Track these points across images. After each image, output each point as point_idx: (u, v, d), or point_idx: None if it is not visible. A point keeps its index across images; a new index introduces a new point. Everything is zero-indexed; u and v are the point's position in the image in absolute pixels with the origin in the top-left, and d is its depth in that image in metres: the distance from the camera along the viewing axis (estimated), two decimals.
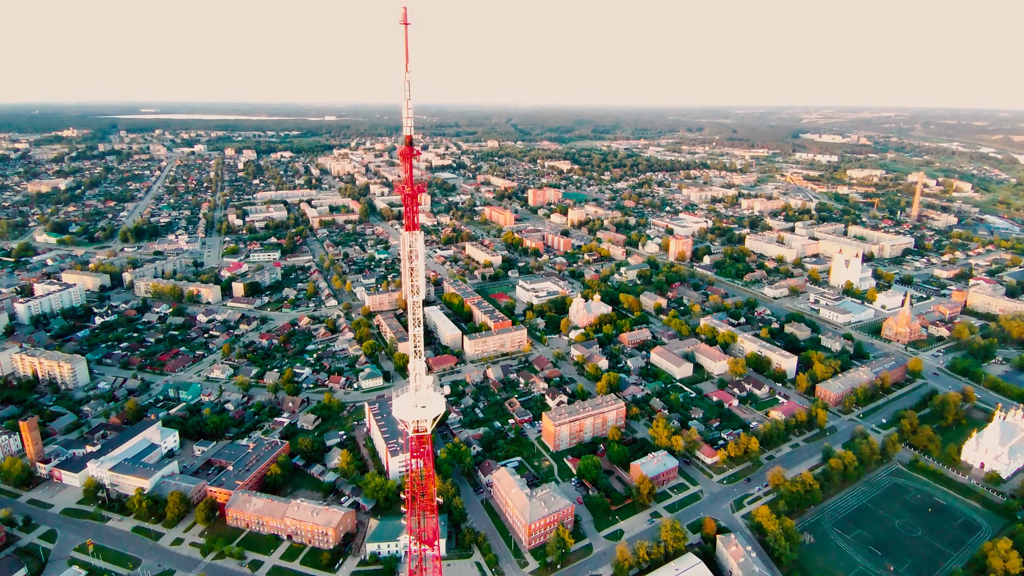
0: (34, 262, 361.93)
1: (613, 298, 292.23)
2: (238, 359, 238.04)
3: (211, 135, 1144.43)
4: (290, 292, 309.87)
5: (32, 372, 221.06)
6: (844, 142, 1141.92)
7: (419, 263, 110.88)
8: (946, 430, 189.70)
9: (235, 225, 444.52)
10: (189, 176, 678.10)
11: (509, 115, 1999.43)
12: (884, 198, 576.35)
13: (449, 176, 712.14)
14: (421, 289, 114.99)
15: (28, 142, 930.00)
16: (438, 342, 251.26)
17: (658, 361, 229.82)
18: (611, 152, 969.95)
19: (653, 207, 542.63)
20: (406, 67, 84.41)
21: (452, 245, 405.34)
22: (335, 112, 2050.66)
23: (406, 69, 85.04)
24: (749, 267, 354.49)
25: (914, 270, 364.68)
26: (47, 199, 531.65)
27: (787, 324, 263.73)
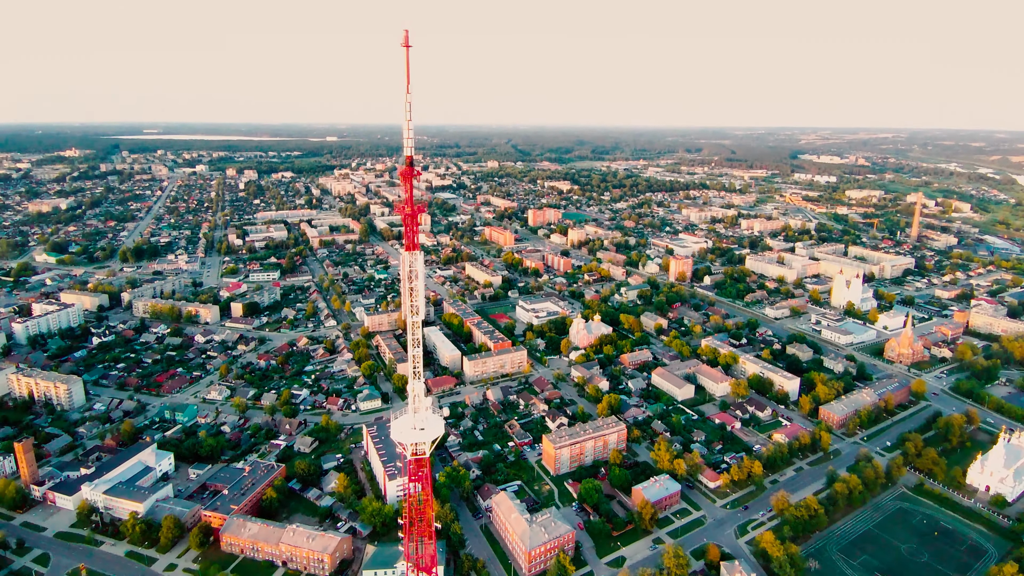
0: (33, 282, 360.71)
1: (613, 318, 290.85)
2: (235, 380, 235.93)
3: (213, 155, 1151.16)
4: (289, 312, 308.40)
5: (28, 393, 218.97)
6: (842, 163, 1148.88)
7: (419, 283, 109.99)
8: (951, 453, 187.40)
9: (235, 245, 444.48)
10: (190, 196, 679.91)
11: (509, 136, 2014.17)
12: (883, 218, 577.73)
13: (449, 196, 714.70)
14: (421, 309, 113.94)
15: (30, 162, 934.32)
16: (437, 363, 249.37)
17: (659, 383, 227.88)
18: (610, 172, 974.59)
19: (653, 227, 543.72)
20: (407, 88, 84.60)
21: (452, 265, 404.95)
22: (336, 132, 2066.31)
23: (407, 90, 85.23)
24: (750, 287, 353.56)
25: (915, 290, 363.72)
26: (47, 219, 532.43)
27: (789, 345, 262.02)
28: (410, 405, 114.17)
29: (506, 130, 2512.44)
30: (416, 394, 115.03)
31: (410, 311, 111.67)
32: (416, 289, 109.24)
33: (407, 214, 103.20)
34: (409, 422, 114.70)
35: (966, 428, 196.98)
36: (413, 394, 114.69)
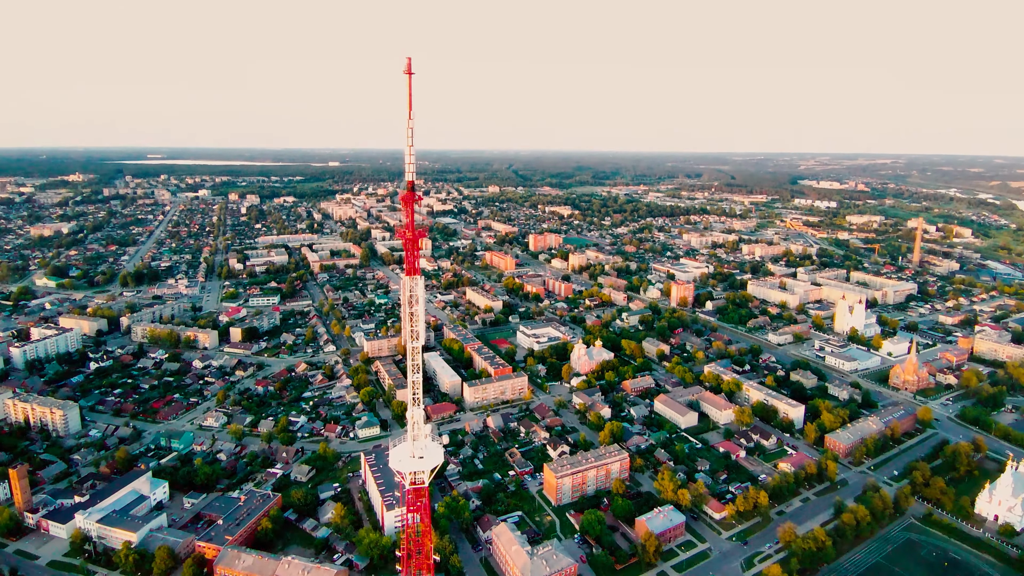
0: (32, 306, 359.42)
1: (615, 344, 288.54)
2: (232, 407, 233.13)
3: (216, 180, 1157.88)
4: (288, 337, 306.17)
5: (24, 418, 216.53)
6: (842, 188, 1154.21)
7: (419, 308, 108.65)
8: (958, 482, 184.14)
9: (235, 269, 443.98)
10: (192, 221, 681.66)
11: (510, 161, 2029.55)
12: (885, 244, 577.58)
13: (450, 221, 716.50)
14: (421, 335, 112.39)
15: (34, 186, 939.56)
16: (437, 389, 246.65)
17: (662, 410, 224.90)
18: (611, 197, 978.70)
19: (654, 252, 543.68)
20: (409, 115, 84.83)
21: (453, 290, 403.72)
22: (339, 157, 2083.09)
23: (409, 117, 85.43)
24: (752, 313, 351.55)
25: (919, 316, 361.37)
26: (49, 243, 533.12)
27: (793, 371, 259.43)
28: (409, 432, 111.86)
29: (507, 155, 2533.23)
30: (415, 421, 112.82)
31: (410, 336, 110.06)
32: (416, 314, 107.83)
33: (408, 239, 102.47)
34: (408, 450, 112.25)
35: (973, 456, 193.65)
36: (412, 421, 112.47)
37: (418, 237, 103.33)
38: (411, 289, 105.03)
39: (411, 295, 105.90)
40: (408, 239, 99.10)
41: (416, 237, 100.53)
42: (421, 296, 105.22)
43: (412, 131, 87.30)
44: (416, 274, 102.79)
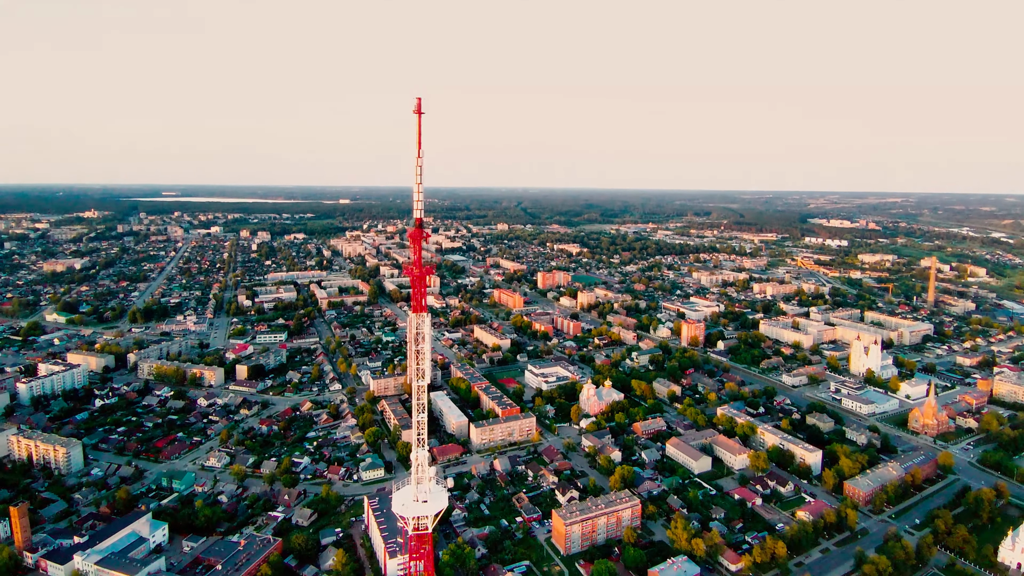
0: (41, 341, 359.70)
1: (625, 384, 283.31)
2: (236, 446, 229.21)
3: (228, 217, 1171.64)
4: (294, 375, 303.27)
5: (27, 455, 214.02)
6: (853, 227, 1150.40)
7: (425, 346, 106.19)
8: (981, 529, 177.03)
9: (244, 306, 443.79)
10: (203, 257, 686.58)
11: (519, 198, 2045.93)
12: (898, 283, 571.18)
13: (459, 259, 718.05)
14: (427, 373, 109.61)
15: (49, 222, 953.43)
16: (443, 430, 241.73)
17: (674, 454, 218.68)
18: (620, 235, 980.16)
19: (663, 290, 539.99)
20: (418, 152, 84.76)
21: (460, 328, 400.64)
22: (349, 195, 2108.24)
23: (418, 154, 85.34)
24: (765, 353, 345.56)
25: (936, 358, 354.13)
26: (61, 278, 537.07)
27: (808, 415, 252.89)
28: (413, 475, 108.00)
29: (516, 193, 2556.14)
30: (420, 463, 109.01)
31: (416, 375, 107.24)
32: (423, 352, 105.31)
33: (415, 275, 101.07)
34: (411, 494, 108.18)
35: (996, 503, 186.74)
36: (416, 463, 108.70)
37: (425, 274, 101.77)
38: (418, 326, 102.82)
39: (418, 332, 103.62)
40: (415, 276, 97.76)
41: (423, 274, 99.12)
42: (427, 334, 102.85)
43: (421, 169, 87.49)
44: (423, 311, 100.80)
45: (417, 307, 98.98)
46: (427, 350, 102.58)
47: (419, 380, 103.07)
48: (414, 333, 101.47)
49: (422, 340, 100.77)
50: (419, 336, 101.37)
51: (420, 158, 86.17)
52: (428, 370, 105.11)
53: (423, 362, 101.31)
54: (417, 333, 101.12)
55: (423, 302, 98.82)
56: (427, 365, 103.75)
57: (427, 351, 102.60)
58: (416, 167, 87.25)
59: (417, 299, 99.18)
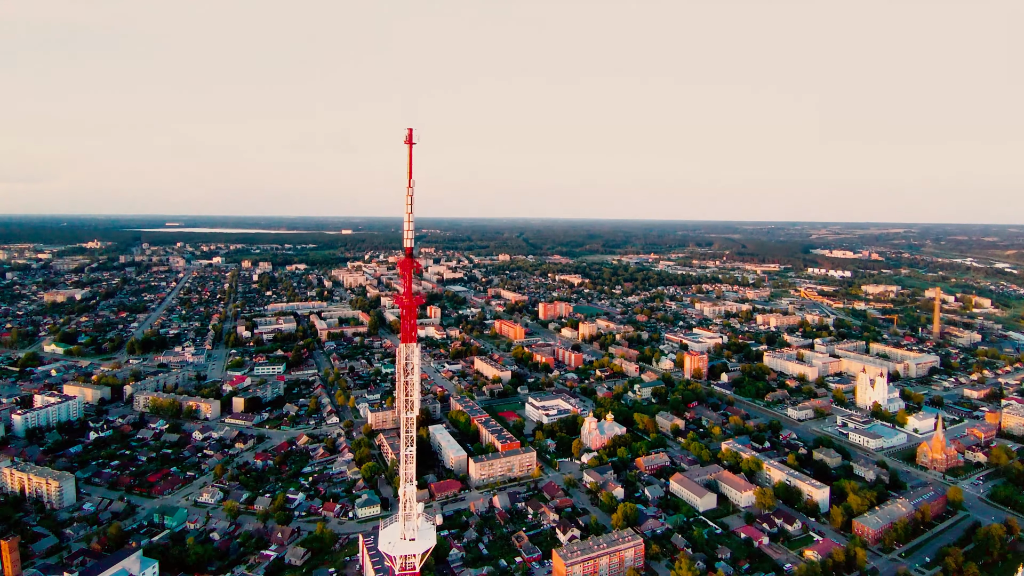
0: (38, 372, 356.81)
1: (627, 418, 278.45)
2: (230, 482, 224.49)
3: (230, 247, 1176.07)
4: (291, 408, 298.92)
5: (20, 488, 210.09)
6: (856, 257, 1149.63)
7: (414, 377, 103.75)
8: (992, 567, 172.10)
9: (243, 337, 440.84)
10: (204, 288, 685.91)
11: (521, 229, 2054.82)
12: (903, 314, 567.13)
13: (460, 289, 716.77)
14: (415, 405, 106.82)
15: (52, 252, 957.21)
16: (442, 465, 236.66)
17: (678, 490, 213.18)
18: (622, 266, 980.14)
19: (666, 321, 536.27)
20: (409, 183, 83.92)
21: (461, 359, 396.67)
22: (351, 225, 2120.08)
23: (409, 184, 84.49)
24: (770, 386, 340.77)
25: (943, 390, 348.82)
26: (61, 309, 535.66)
27: (815, 449, 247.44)
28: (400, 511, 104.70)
29: (517, 224, 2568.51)
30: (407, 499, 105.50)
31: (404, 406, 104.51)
32: (412, 383, 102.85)
33: (405, 305, 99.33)
34: (398, 531, 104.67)
35: (1006, 539, 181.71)
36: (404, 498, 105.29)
37: (415, 304, 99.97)
38: (407, 357, 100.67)
39: (407, 363, 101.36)
40: (405, 305, 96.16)
41: (413, 304, 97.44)
42: (416, 364, 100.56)
43: (412, 199, 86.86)
44: (412, 341, 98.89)
45: (406, 337, 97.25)
46: (416, 381, 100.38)
47: (408, 412, 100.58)
48: (403, 363, 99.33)
49: (411, 371, 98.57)
50: (408, 367, 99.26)
51: (411, 188, 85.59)
52: (417, 402, 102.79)
53: (412, 393, 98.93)
54: (406, 363, 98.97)
55: (412, 332, 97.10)
56: (416, 397, 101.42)
57: (416, 382, 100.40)
58: (407, 197, 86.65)
59: (406, 329, 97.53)
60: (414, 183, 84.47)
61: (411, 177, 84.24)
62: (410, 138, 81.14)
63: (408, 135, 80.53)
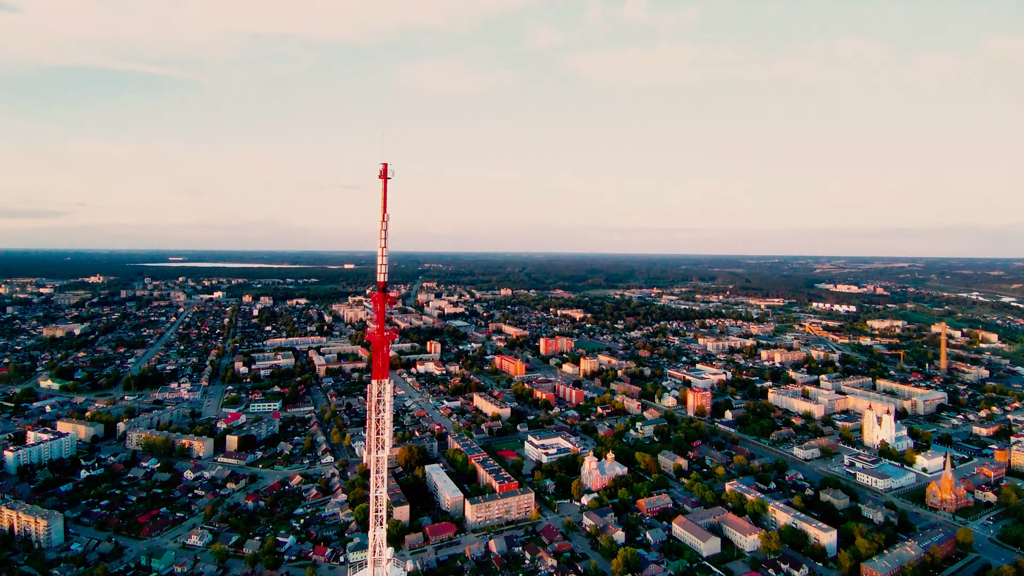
0: (33, 408, 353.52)
1: (628, 456, 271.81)
2: (219, 523, 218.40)
3: (232, 282, 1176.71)
4: (286, 446, 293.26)
5: (9, 526, 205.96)
6: (861, 292, 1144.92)
7: (386, 415, 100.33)
8: None
9: (240, 373, 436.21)
10: (203, 323, 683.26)
11: (523, 263, 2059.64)
12: (910, 350, 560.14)
13: (461, 324, 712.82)
14: (387, 444, 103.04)
15: (54, 287, 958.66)
16: (438, 506, 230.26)
17: (681, 534, 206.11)
18: (624, 300, 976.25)
19: (668, 357, 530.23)
20: (383, 216, 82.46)
21: (460, 396, 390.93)
22: (354, 260, 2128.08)
23: (383, 219, 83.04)
24: (775, 424, 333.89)
25: (951, 427, 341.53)
26: (59, 343, 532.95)
27: (822, 490, 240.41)
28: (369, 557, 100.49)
29: (520, 258, 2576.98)
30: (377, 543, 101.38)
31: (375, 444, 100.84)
32: (384, 421, 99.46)
33: (376, 340, 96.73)
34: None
35: None
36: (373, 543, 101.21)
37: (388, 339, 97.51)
38: (379, 393, 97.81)
39: (379, 399, 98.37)
40: (377, 341, 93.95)
41: (384, 339, 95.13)
42: (388, 402, 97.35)
43: (386, 232, 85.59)
44: (384, 377, 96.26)
45: (378, 373, 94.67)
46: (387, 419, 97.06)
47: (378, 451, 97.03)
48: (374, 400, 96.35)
49: (383, 408, 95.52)
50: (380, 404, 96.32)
51: (385, 222, 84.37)
52: (388, 441, 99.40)
53: (383, 431, 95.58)
54: (378, 400, 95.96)
55: (384, 368, 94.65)
56: (387, 435, 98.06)
57: (388, 420, 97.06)
58: (381, 231, 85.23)
59: (378, 365, 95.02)
60: (388, 217, 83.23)
61: (385, 211, 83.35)
62: (384, 172, 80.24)
63: (383, 169, 79.44)
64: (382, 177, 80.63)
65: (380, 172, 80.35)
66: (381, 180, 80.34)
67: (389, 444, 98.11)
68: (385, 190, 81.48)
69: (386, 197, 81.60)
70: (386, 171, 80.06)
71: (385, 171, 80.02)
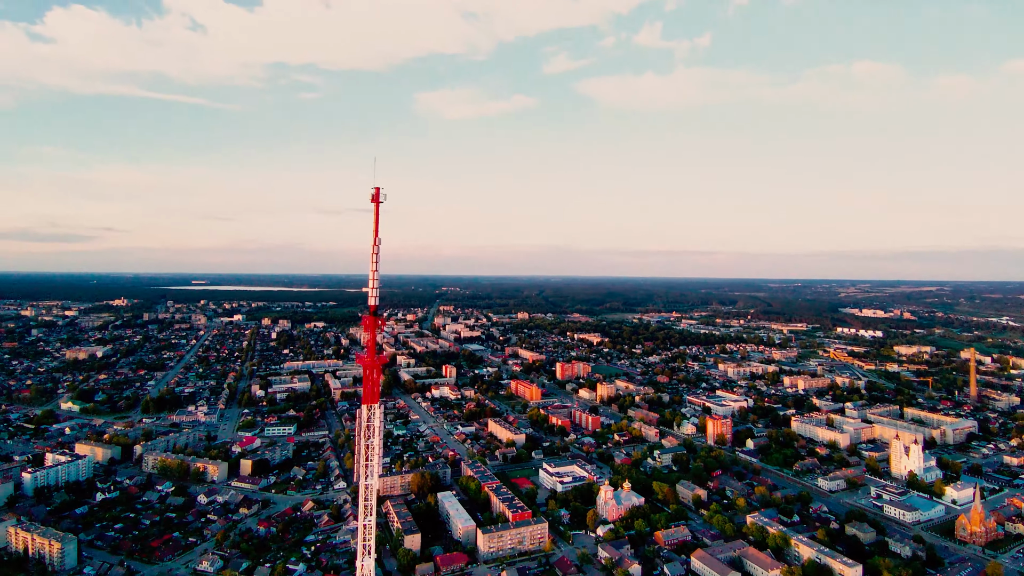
0: (52, 430, 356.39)
1: (645, 486, 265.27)
2: (231, 549, 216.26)
3: (252, 305, 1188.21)
4: (299, 471, 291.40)
5: (24, 548, 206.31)
6: (887, 316, 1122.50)
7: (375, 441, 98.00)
8: None
9: (256, 396, 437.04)
10: (223, 345, 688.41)
11: (541, 287, 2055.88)
12: (938, 376, 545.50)
13: (477, 348, 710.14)
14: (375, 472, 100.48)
15: (79, 310, 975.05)
16: (450, 536, 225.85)
17: (700, 568, 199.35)
18: (642, 324, 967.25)
19: (688, 383, 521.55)
20: (375, 240, 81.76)
21: (475, 421, 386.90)
22: None
23: (375, 242, 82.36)
24: (798, 453, 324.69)
25: (982, 457, 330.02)
26: (81, 366, 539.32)
27: (847, 523, 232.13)
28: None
29: (538, 282, 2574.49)
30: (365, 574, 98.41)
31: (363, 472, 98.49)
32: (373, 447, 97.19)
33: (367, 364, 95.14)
34: None
35: None
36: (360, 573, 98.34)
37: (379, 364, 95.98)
38: (368, 419, 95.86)
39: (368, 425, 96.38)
40: (367, 365, 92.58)
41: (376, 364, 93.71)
42: (377, 428, 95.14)
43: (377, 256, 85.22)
44: (374, 402, 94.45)
45: (368, 398, 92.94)
46: (377, 445, 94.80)
47: (367, 479, 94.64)
48: (363, 426, 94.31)
49: (373, 434, 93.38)
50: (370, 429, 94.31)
51: (376, 245, 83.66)
52: (377, 468, 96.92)
53: (372, 458, 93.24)
54: (368, 425, 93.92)
55: (375, 392, 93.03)
56: (376, 462, 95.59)
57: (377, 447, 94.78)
58: (372, 254, 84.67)
59: (368, 389, 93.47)
60: (380, 240, 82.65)
61: (377, 235, 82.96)
62: (376, 197, 79.81)
63: (375, 194, 79.01)
64: (374, 201, 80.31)
65: (372, 196, 79.81)
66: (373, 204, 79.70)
67: (378, 471, 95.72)
68: (377, 214, 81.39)
69: (378, 221, 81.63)
70: (378, 195, 79.91)
71: (377, 195, 79.82)
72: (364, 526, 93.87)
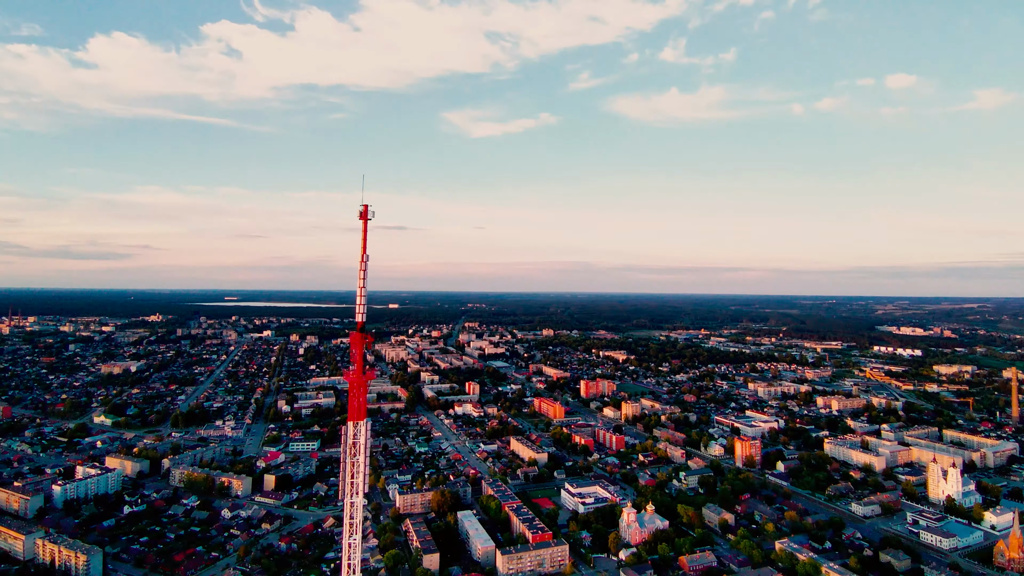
0: (84, 444, 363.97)
1: (670, 509, 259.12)
2: (252, 564, 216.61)
3: (281, 321, 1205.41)
4: (322, 487, 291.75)
5: (51, 560, 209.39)
6: (926, 335, 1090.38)
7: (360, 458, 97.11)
8: None
9: (283, 411, 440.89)
10: (252, 361, 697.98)
11: (567, 304, 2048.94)
12: (980, 397, 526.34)
13: (501, 365, 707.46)
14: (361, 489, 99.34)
15: (115, 325, 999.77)
16: (469, 556, 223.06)
17: None
18: (669, 342, 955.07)
19: (716, 402, 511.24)
20: (363, 256, 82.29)
21: (497, 439, 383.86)
22: (398, 300, 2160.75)
23: (362, 259, 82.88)
24: (831, 477, 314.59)
25: (1023, 481, 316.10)
26: (115, 380, 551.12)
27: (881, 551, 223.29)
28: None
29: (564, 299, 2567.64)
30: None
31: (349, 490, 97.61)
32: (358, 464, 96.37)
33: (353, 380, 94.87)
34: None
35: None
36: None
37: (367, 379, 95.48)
38: (354, 436, 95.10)
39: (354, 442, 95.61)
40: (354, 381, 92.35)
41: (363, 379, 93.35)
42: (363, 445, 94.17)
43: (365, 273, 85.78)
44: (360, 419, 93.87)
45: (354, 415, 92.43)
46: (363, 463, 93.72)
47: (352, 496, 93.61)
48: (349, 443, 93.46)
49: (359, 451, 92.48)
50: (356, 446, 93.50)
51: (364, 262, 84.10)
52: (363, 485, 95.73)
53: (358, 476, 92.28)
54: (353, 443, 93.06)
55: (361, 409, 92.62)
56: (361, 480, 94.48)
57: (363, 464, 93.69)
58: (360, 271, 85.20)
59: (354, 406, 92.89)
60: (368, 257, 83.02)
61: (364, 251, 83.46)
62: (365, 214, 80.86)
63: (363, 211, 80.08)
64: (362, 218, 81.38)
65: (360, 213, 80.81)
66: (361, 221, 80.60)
67: (363, 489, 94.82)
68: (365, 230, 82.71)
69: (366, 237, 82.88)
70: (366, 212, 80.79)
71: (365, 212, 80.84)
72: (349, 545, 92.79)
